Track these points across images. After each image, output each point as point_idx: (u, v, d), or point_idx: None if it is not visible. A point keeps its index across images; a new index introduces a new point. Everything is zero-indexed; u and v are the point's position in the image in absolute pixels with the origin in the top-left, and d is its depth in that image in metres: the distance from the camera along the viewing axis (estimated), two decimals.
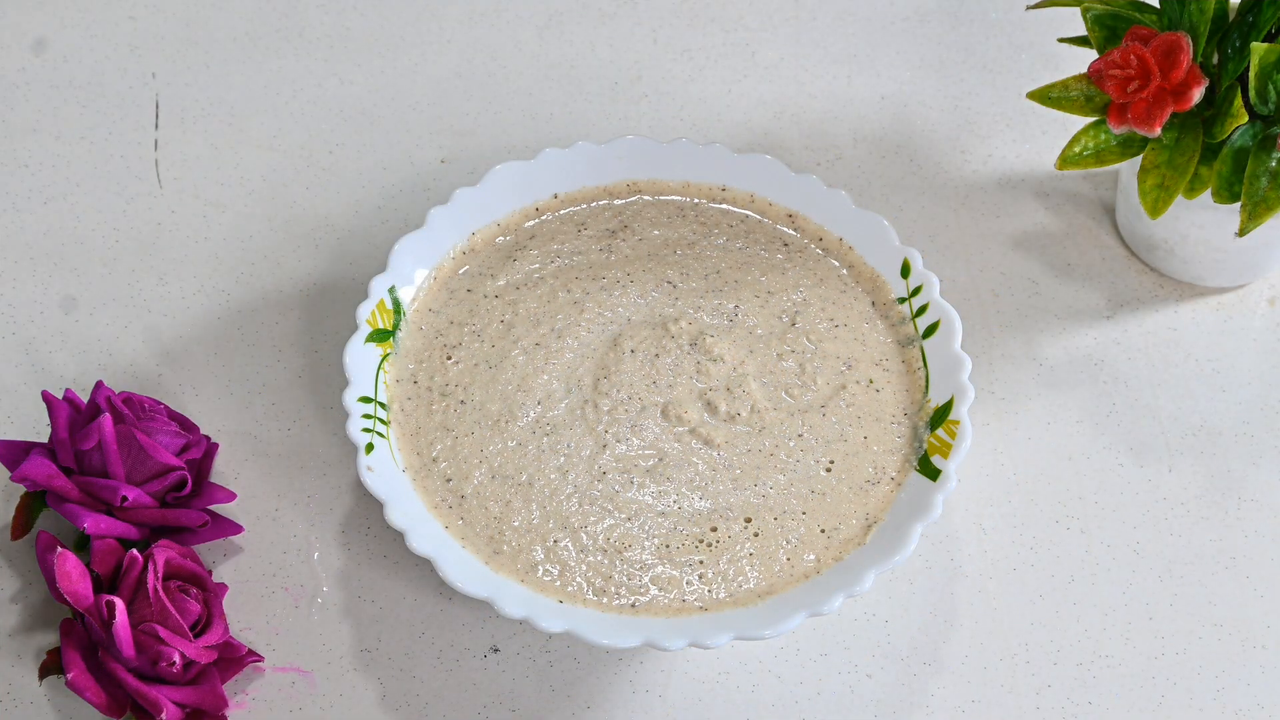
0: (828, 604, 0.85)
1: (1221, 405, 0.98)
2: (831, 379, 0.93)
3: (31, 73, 1.06)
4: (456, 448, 0.90)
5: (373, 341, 0.91)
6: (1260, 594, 0.92)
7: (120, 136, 1.04)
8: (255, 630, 0.89)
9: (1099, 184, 1.05)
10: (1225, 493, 0.95)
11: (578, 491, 0.89)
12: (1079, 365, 0.99)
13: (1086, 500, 0.95)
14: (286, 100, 1.06)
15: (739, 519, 0.89)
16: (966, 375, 0.91)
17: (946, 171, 1.05)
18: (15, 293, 0.98)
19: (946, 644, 0.90)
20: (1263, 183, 0.91)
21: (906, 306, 0.94)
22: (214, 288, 0.99)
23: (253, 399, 0.96)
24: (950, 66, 1.09)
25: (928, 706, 0.89)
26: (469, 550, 0.87)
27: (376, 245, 1.01)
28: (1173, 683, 0.90)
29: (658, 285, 0.96)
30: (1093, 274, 1.02)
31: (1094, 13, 0.94)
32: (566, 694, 0.88)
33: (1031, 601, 0.92)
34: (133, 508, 0.88)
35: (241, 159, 1.04)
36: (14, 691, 0.87)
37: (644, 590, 0.87)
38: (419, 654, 0.89)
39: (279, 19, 1.09)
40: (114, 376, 0.96)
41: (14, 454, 0.90)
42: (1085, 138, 0.94)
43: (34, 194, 1.02)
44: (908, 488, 0.90)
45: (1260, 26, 0.91)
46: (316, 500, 0.93)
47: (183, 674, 0.85)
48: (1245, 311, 1.01)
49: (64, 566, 0.85)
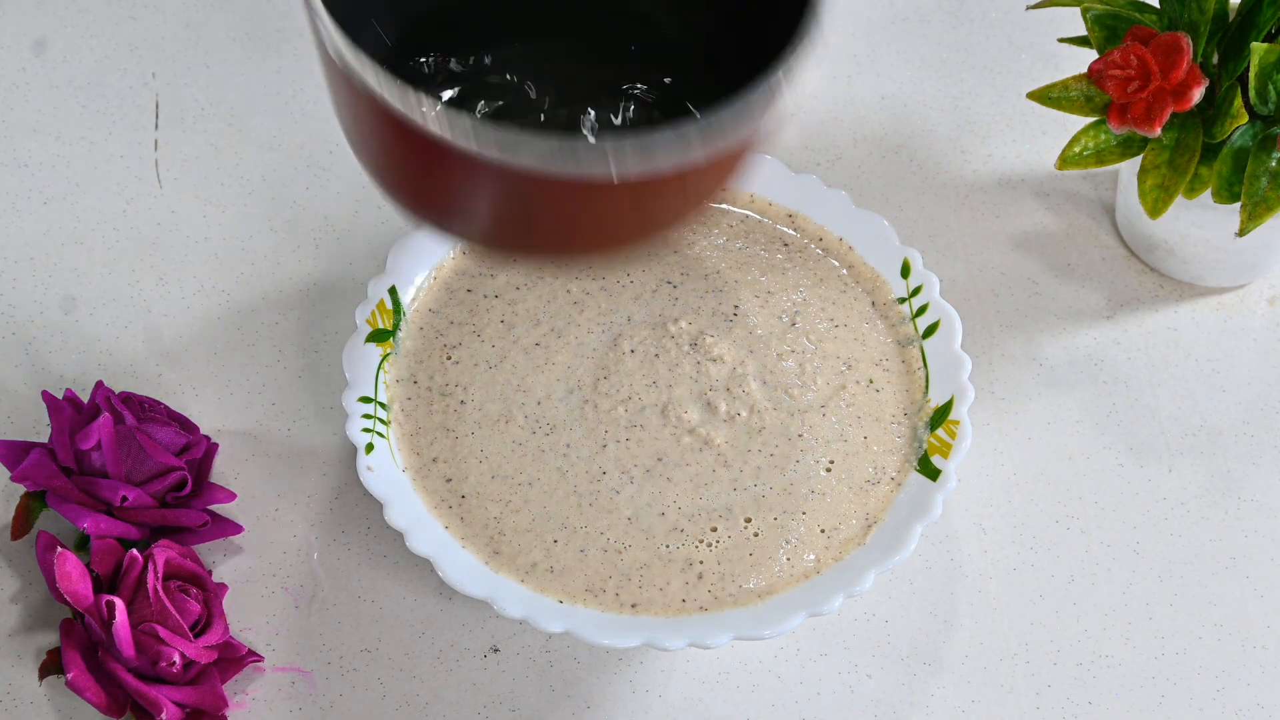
0: (828, 604, 0.85)
1: (1221, 405, 0.98)
2: (831, 379, 0.93)
3: (31, 73, 1.06)
4: (456, 448, 0.90)
5: (372, 342, 0.91)
6: (1260, 594, 0.92)
7: (120, 136, 1.04)
8: (255, 630, 0.89)
9: (1099, 184, 1.05)
10: (1225, 493, 0.95)
11: (577, 491, 0.89)
12: (1079, 365, 0.99)
13: (1086, 500, 0.95)
14: (286, 100, 1.06)
15: (739, 519, 0.89)
16: (966, 375, 0.91)
17: (946, 171, 1.05)
18: (15, 293, 0.98)
19: (946, 644, 0.90)
20: (1263, 183, 0.91)
21: (906, 306, 0.94)
22: (214, 288, 0.99)
23: (253, 399, 0.96)
24: (950, 66, 1.09)
25: (928, 706, 0.89)
26: (469, 550, 0.87)
27: (376, 245, 1.01)
28: (1173, 683, 0.90)
29: (657, 285, 0.96)
30: (1093, 274, 1.02)
31: (1094, 13, 0.94)
32: (566, 694, 0.88)
33: (1031, 601, 0.92)
34: (133, 508, 0.88)
35: (241, 159, 1.04)
36: (14, 691, 0.87)
37: (644, 590, 0.87)
38: (419, 654, 0.89)
39: (279, 19, 1.09)
40: (114, 376, 0.96)
41: (14, 454, 0.90)
42: (1085, 138, 0.94)
43: (34, 194, 1.02)
44: (908, 488, 0.90)
45: (1260, 26, 0.91)
46: (316, 500, 0.93)
47: (183, 674, 0.85)
48: (1245, 311, 1.01)
49: (64, 566, 0.85)
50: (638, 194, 0.74)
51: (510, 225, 0.78)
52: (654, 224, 0.79)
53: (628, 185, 0.72)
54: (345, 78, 0.74)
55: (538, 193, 0.74)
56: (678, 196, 0.77)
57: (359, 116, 0.76)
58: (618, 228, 0.78)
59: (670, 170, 0.73)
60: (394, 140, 0.75)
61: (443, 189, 0.76)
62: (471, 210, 0.77)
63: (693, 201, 0.79)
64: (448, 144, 0.72)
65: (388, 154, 0.77)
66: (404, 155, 0.75)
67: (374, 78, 0.72)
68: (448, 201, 0.76)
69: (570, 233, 0.77)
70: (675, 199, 0.77)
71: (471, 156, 0.72)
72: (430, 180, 0.76)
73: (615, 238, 0.78)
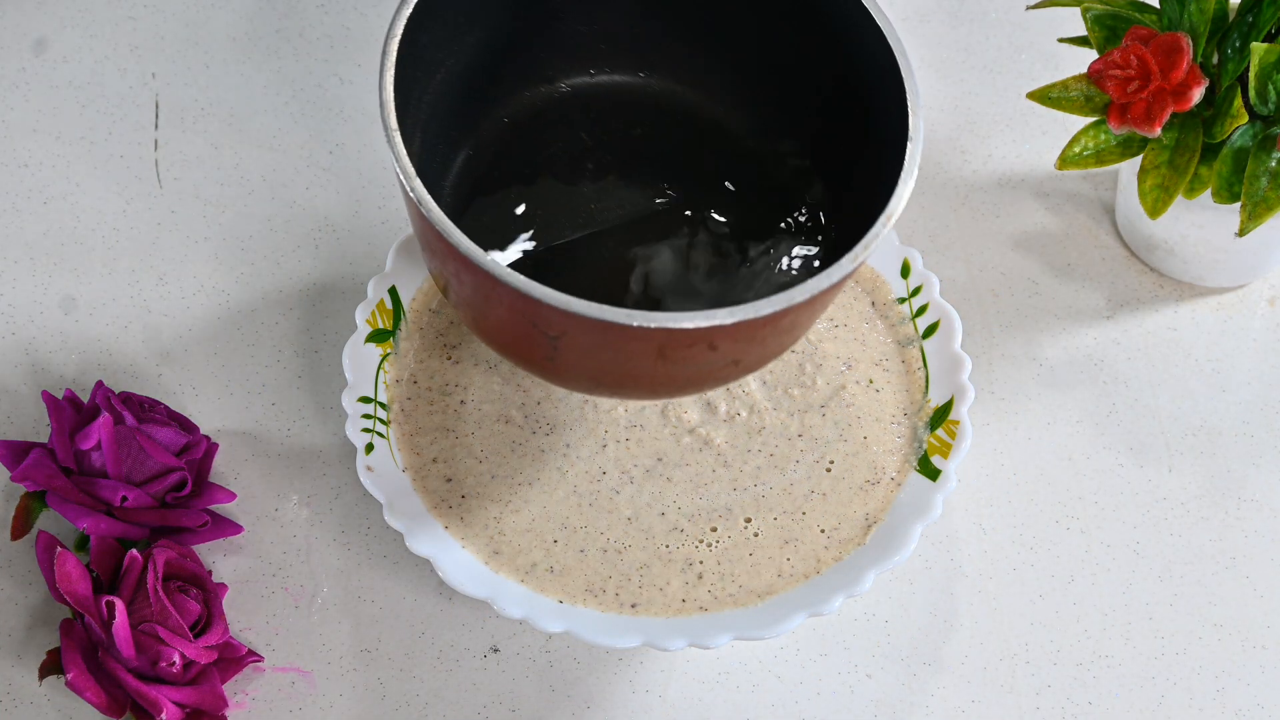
0: (828, 604, 0.85)
1: (1221, 405, 0.98)
2: (831, 379, 0.93)
3: (31, 73, 1.06)
4: (456, 448, 0.90)
5: (372, 342, 0.91)
6: (1260, 594, 0.92)
7: (120, 136, 1.04)
8: (255, 630, 0.89)
9: (1099, 184, 1.05)
10: (1225, 493, 0.95)
11: (577, 491, 0.89)
12: (1079, 365, 0.99)
13: (1086, 500, 0.95)
14: (286, 100, 1.06)
15: (739, 519, 0.89)
16: (966, 375, 0.91)
17: (946, 171, 1.05)
18: (15, 293, 0.98)
19: (946, 644, 0.90)
20: (1263, 183, 0.91)
21: (906, 306, 0.94)
22: (214, 288, 0.99)
23: (253, 399, 0.96)
24: (950, 66, 1.09)
25: (928, 706, 0.89)
26: (469, 550, 0.87)
27: (376, 245, 1.01)
28: (1173, 683, 0.90)
29: None
30: (1093, 274, 1.02)
31: (1094, 13, 0.94)
32: (566, 694, 0.88)
33: (1031, 601, 0.92)
34: (132, 508, 0.88)
35: (241, 159, 1.04)
36: (14, 691, 0.87)
37: (643, 590, 0.87)
38: (419, 654, 0.89)
39: (279, 19, 1.09)
40: (114, 376, 0.96)
41: (14, 454, 0.90)
42: (1085, 138, 0.94)
43: (34, 194, 1.02)
44: (908, 488, 0.90)
45: (1260, 26, 0.91)
46: (316, 500, 0.93)
47: (183, 674, 0.85)
48: (1245, 311, 1.01)
49: (64, 567, 0.85)
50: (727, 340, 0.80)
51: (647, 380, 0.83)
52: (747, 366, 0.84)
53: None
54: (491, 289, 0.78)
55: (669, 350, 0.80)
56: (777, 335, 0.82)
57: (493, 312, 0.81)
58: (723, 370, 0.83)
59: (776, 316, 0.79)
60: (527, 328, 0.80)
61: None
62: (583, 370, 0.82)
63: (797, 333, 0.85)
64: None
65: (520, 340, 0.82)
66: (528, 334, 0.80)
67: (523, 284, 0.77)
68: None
69: (686, 377, 0.83)
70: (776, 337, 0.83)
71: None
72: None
73: (716, 378, 0.84)
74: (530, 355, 0.82)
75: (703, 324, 0.76)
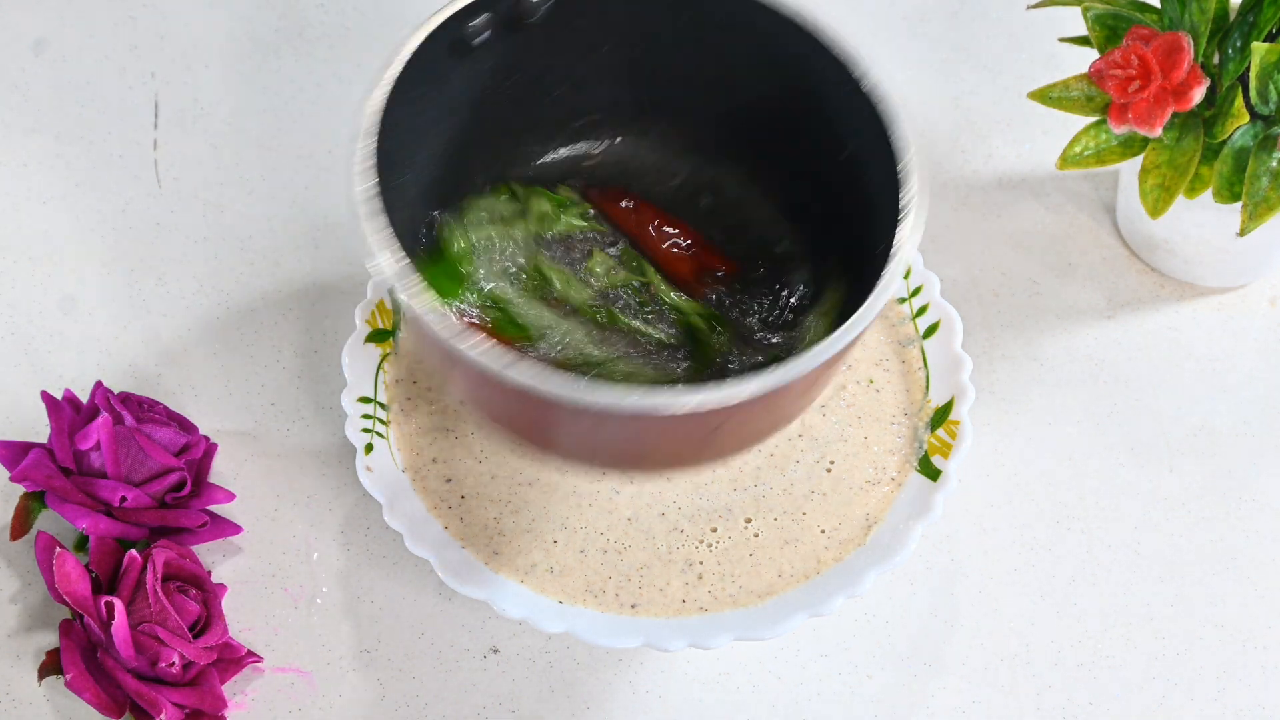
0: (828, 604, 0.85)
1: (1222, 405, 0.98)
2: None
3: (31, 73, 1.06)
4: (456, 448, 0.90)
5: (372, 341, 0.91)
6: (1261, 594, 0.92)
7: (120, 136, 1.04)
8: (255, 630, 0.89)
9: (1099, 184, 1.05)
10: (1226, 493, 0.95)
11: (577, 491, 0.89)
12: (1079, 365, 0.99)
13: (1086, 500, 0.95)
14: (286, 100, 1.06)
15: (739, 519, 0.89)
16: (966, 375, 0.91)
17: (946, 171, 1.05)
18: (15, 293, 0.98)
19: (946, 644, 0.90)
20: (1263, 183, 0.91)
21: (906, 306, 0.94)
22: (214, 288, 0.99)
23: (252, 399, 0.95)
24: (950, 66, 1.09)
25: (928, 706, 0.89)
26: (469, 550, 0.87)
27: None
28: (1173, 683, 0.90)
29: None
30: (1093, 274, 1.02)
31: (1095, 12, 0.94)
32: (566, 694, 0.88)
33: (1032, 601, 0.92)
34: (132, 508, 0.88)
35: (241, 159, 1.04)
36: (14, 691, 0.87)
37: (643, 591, 0.87)
38: (419, 654, 0.89)
39: (279, 19, 1.09)
40: (113, 376, 0.96)
41: (14, 454, 0.90)
42: (1086, 138, 0.94)
43: (34, 194, 1.02)
44: (908, 488, 0.90)
45: (1261, 26, 0.91)
46: (316, 500, 0.93)
47: (182, 674, 0.85)
48: (1245, 311, 1.01)
49: (63, 567, 0.85)
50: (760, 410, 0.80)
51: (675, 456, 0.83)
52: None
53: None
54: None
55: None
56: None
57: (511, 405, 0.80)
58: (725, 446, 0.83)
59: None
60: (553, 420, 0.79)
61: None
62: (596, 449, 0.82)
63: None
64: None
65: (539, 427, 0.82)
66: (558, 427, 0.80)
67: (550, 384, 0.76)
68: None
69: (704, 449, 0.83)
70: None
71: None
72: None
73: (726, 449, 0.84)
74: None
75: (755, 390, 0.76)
